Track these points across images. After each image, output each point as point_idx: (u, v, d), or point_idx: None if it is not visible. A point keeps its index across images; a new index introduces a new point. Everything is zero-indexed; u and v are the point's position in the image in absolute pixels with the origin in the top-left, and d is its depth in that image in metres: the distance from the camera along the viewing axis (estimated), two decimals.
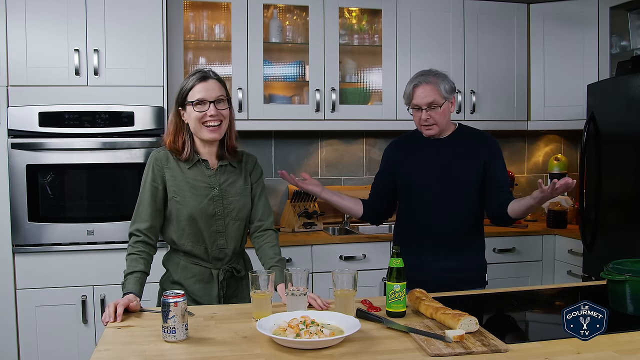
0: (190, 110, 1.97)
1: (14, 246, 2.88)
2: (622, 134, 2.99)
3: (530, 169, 4.19)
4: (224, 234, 2.04)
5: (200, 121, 1.96)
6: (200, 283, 2.04)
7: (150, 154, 2.05)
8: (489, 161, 2.30)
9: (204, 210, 1.99)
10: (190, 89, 1.96)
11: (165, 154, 2.03)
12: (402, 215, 2.45)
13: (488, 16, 3.70)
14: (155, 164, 2.01)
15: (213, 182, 2.02)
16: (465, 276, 2.29)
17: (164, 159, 2.01)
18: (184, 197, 1.99)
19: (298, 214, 3.49)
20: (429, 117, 2.27)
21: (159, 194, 2.00)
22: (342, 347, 1.48)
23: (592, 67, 3.60)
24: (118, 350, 1.49)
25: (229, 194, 2.04)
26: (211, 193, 2.01)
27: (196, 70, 2.02)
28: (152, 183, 2.00)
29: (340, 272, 1.76)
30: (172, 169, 2.01)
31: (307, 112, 3.48)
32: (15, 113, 2.86)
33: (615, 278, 1.77)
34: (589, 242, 3.18)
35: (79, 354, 2.93)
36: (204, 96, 1.94)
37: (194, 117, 1.96)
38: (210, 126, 1.96)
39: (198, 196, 1.99)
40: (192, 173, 2.01)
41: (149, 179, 2.00)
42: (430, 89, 2.26)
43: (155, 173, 2.00)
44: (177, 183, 2.00)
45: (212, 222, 2.01)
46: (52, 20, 2.90)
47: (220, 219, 2.02)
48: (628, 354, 1.43)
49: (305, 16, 3.54)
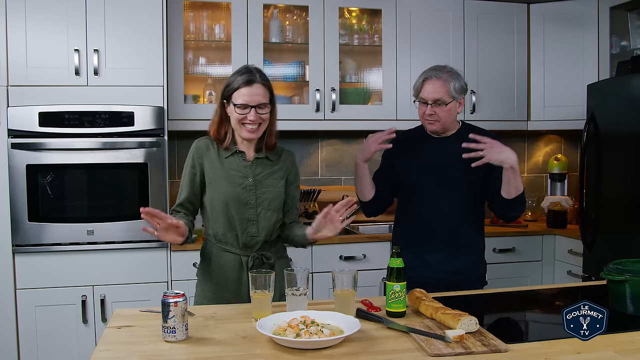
0: (232, 108, 2.04)
1: (14, 246, 2.89)
2: (622, 134, 2.99)
3: (530, 169, 4.19)
4: (256, 222, 2.08)
5: (240, 121, 2.03)
6: (232, 270, 2.09)
7: (193, 143, 2.15)
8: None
9: (237, 197, 2.06)
10: (235, 90, 2.02)
11: (206, 142, 2.12)
12: (402, 214, 2.42)
13: (488, 16, 3.70)
14: (196, 151, 2.11)
15: (248, 172, 2.09)
16: (465, 277, 2.27)
17: (204, 147, 2.11)
18: (219, 183, 2.07)
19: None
20: (433, 113, 2.25)
21: (196, 179, 2.10)
22: (342, 347, 1.48)
23: (592, 67, 3.60)
24: (118, 350, 1.49)
25: (263, 184, 2.10)
26: (245, 182, 2.07)
27: (245, 69, 2.06)
28: (191, 169, 2.10)
29: (340, 272, 1.76)
30: (210, 157, 2.10)
31: (307, 112, 3.48)
32: (15, 113, 2.86)
33: (615, 278, 1.77)
34: (589, 242, 3.18)
35: (79, 354, 2.93)
36: (247, 101, 2.00)
37: (235, 117, 2.03)
38: (249, 128, 2.03)
39: (232, 184, 2.07)
40: (228, 162, 2.10)
41: (189, 165, 2.11)
42: (440, 85, 2.24)
43: (194, 160, 2.11)
44: (214, 170, 2.09)
45: (244, 210, 2.07)
46: (52, 20, 2.90)
47: (253, 208, 2.07)
48: (628, 354, 1.43)
49: (305, 16, 3.54)
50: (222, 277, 2.10)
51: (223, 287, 2.09)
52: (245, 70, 2.05)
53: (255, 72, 2.05)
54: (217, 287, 2.11)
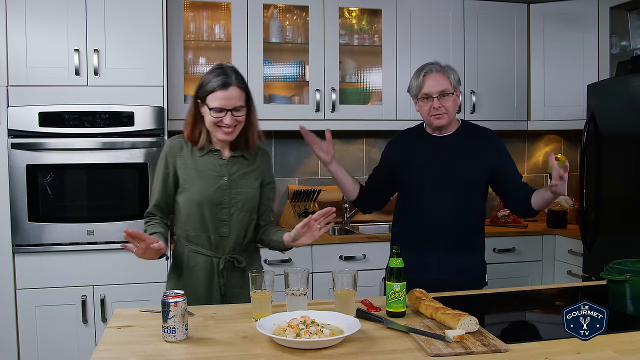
0: (206, 110, 1.98)
1: (14, 246, 2.88)
2: (622, 134, 2.99)
3: (530, 169, 4.19)
4: (228, 222, 2.06)
5: (214, 124, 1.99)
6: (203, 272, 2.06)
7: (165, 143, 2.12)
8: (497, 160, 2.27)
9: (211, 198, 2.03)
10: (210, 92, 1.96)
11: (180, 142, 2.08)
12: (401, 214, 2.41)
13: (488, 16, 3.70)
14: (169, 152, 2.07)
15: (223, 171, 2.06)
16: (465, 278, 2.25)
17: (177, 148, 2.07)
18: (192, 184, 2.04)
19: (298, 214, 3.49)
20: (440, 106, 2.23)
21: (169, 180, 2.07)
22: (342, 347, 1.48)
23: (592, 67, 3.60)
24: (118, 350, 1.49)
25: (238, 184, 2.07)
26: (220, 182, 2.04)
27: (220, 69, 1.98)
28: (164, 170, 2.07)
29: (340, 272, 1.76)
30: (184, 157, 2.06)
31: (307, 112, 3.48)
32: (15, 113, 2.86)
33: (615, 278, 1.77)
34: (589, 242, 3.18)
35: (79, 354, 2.93)
36: (223, 105, 1.95)
37: (210, 119, 1.98)
38: (225, 130, 2.00)
39: (207, 184, 2.03)
40: (203, 161, 2.06)
41: (161, 165, 2.08)
42: (442, 76, 2.24)
43: (167, 161, 2.07)
44: (187, 170, 2.05)
45: (217, 210, 2.04)
46: (52, 20, 2.90)
47: (226, 208, 2.05)
48: (628, 354, 1.43)
49: (305, 16, 3.54)
50: (192, 279, 2.06)
51: (193, 289, 2.02)
52: (220, 71, 1.98)
53: (231, 73, 1.98)
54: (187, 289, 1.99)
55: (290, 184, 3.79)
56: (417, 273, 2.16)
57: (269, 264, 3.14)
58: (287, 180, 3.81)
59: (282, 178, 3.80)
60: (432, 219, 2.28)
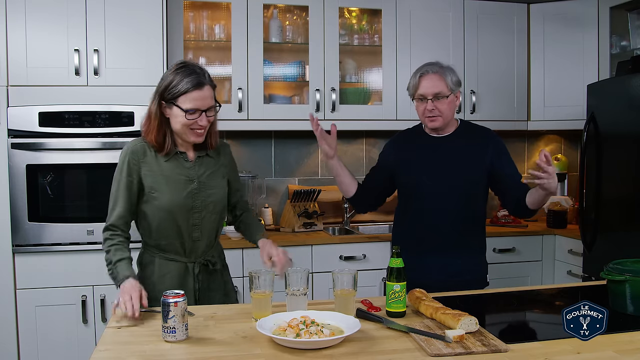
0: (177, 112, 1.88)
1: (14, 246, 2.89)
2: (622, 134, 2.99)
3: (530, 169, 4.19)
4: (200, 226, 1.99)
5: (187, 127, 1.90)
6: (177, 278, 2.00)
7: (125, 145, 1.99)
8: (496, 160, 2.26)
9: (182, 204, 1.95)
10: (183, 93, 1.86)
11: (142, 146, 1.96)
12: (401, 214, 2.40)
13: (488, 16, 3.70)
14: (132, 157, 1.94)
15: (192, 174, 1.98)
16: (464, 279, 2.24)
17: (140, 152, 1.95)
18: (161, 191, 1.94)
19: (298, 214, 3.49)
20: (434, 108, 2.22)
21: (133, 188, 1.94)
22: (342, 347, 1.48)
23: (592, 67, 3.60)
24: (118, 350, 1.49)
25: (208, 186, 2.00)
26: (190, 187, 1.96)
27: (189, 69, 1.88)
28: (128, 177, 1.93)
29: (340, 272, 1.76)
30: (148, 163, 1.95)
31: (307, 112, 3.46)
32: (15, 113, 2.86)
33: (615, 278, 1.77)
34: (589, 242, 3.18)
35: (79, 354, 2.93)
36: (198, 105, 1.87)
37: (181, 121, 1.89)
38: (199, 132, 1.92)
39: (176, 190, 1.95)
40: (169, 166, 1.96)
41: (124, 172, 1.94)
42: (438, 78, 2.22)
43: (130, 167, 1.93)
44: (154, 177, 1.94)
45: (189, 216, 1.97)
46: (52, 20, 2.90)
47: (198, 212, 1.98)
48: (628, 354, 1.43)
49: (305, 16, 3.54)
50: (164, 287, 1.90)
51: None
52: (190, 70, 1.87)
53: (201, 71, 1.89)
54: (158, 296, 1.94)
55: (290, 184, 3.79)
56: (417, 274, 2.14)
57: None
58: (287, 180, 3.81)
59: (282, 178, 3.80)
60: (431, 219, 2.27)
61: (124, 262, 1.88)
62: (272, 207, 3.72)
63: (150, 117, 1.95)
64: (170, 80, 1.88)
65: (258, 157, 3.75)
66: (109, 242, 1.92)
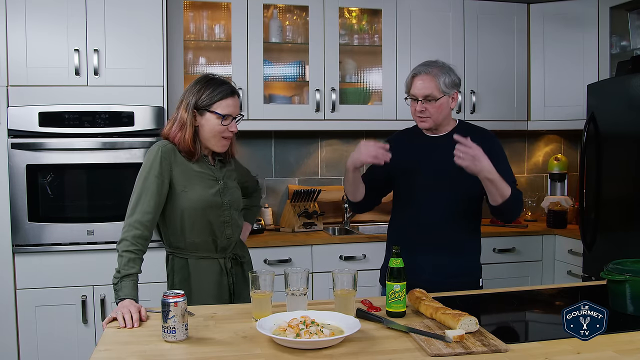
0: (210, 118, 1.99)
1: (14, 246, 2.89)
2: (622, 134, 2.99)
3: (530, 169, 4.19)
4: (230, 224, 2.09)
5: (219, 133, 2.01)
6: (212, 275, 2.07)
7: (153, 146, 2.01)
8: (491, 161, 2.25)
9: (213, 201, 2.04)
10: (219, 100, 1.98)
11: (173, 148, 2.01)
12: (396, 215, 2.39)
13: (488, 16, 3.70)
14: (164, 157, 1.97)
15: (217, 175, 2.09)
16: (459, 281, 2.21)
17: (172, 154, 2.00)
18: (194, 189, 2.01)
19: (298, 214, 3.49)
20: (424, 110, 2.21)
21: (164, 188, 1.97)
22: (342, 347, 1.48)
23: (592, 67, 3.60)
24: (118, 350, 1.49)
25: (228, 186, 2.12)
26: (217, 186, 2.07)
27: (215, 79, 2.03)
28: (158, 177, 1.95)
29: (340, 272, 1.76)
30: (180, 164, 2.01)
31: (307, 112, 3.48)
32: (15, 113, 2.86)
33: (615, 278, 1.77)
34: (589, 242, 3.18)
35: (79, 354, 2.93)
36: (232, 112, 2.00)
37: (214, 128, 1.99)
38: (226, 139, 2.04)
39: (207, 187, 2.04)
40: (198, 166, 2.05)
41: (154, 171, 1.95)
42: (429, 80, 2.19)
43: (162, 167, 1.96)
44: (186, 176, 2.01)
45: (220, 213, 2.06)
46: (52, 20, 2.90)
47: (227, 210, 2.08)
48: (628, 354, 1.43)
49: (305, 16, 3.54)
50: (201, 286, 2.04)
51: (204, 296, 2.03)
52: (221, 81, 2.03)
53: (233, 84, 2.06)
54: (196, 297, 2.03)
55: (290, 184, 3.79)
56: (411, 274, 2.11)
57: (269, 263, 3.14)
58: (287, 180, 3.81)
59: (282, 178, 3.80)
60: (425, 220, 2.24)
61: (130, 281, 1.83)
62: (272, 207, 3.73)
63: (183, 126, 2.00)
64: (206, 90, 2.00)
65: (258, 157, 3.75)
66: (126, 245, 1.87)
